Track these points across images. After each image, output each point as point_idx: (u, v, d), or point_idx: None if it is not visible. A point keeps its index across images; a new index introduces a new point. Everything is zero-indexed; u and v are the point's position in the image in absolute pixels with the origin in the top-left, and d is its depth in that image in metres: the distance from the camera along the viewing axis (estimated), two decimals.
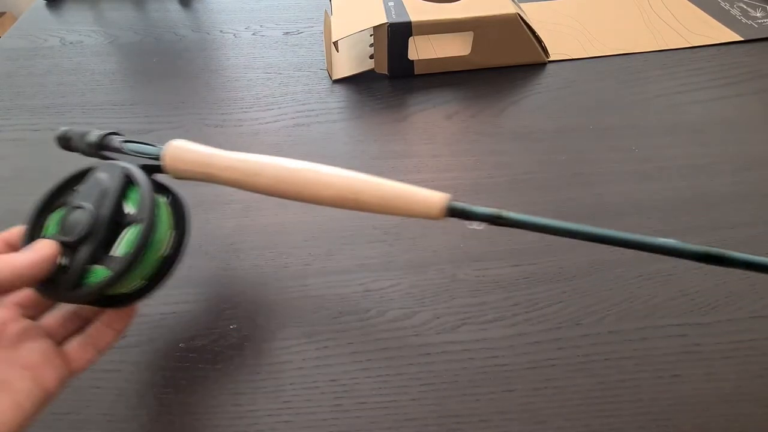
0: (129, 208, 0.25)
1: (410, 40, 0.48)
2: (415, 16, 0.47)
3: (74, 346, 0.24)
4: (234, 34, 0.60)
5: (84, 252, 0.23)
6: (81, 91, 0.51)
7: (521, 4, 0.54)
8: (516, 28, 0.49)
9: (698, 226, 0.36)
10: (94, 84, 0.52)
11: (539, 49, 0.51)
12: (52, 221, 0.25)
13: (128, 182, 0.25)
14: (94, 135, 0.29)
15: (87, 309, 0.26)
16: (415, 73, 0.51)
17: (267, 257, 0.35)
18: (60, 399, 0.28)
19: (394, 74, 0.51)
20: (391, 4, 0.49)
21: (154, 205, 0.24)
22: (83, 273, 0.23)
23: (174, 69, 0.54)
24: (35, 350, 0.23)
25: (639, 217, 0.37)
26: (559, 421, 0.27)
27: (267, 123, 0.46)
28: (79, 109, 0.49)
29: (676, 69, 0.51)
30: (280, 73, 0.53)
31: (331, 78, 0.52)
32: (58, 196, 0.25)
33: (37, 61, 0.56)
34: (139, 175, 0.25)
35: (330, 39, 0.49)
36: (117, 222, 0.24)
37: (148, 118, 0.47)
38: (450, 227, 0.37)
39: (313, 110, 0.48)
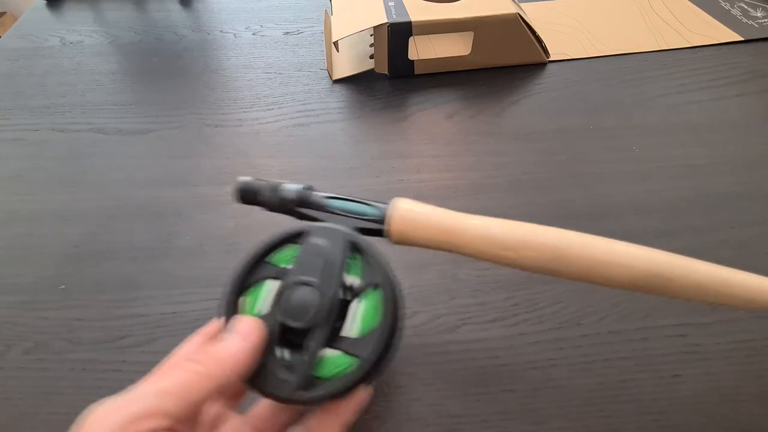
0: (351, 279, 0.21)
1: (410, 40, 0.48)
2: (415, 16, 0.47)
3: None
4: (234, 34, 0.60)
5: (318, 339, 0.19)
6: (81, 91, 0.51)
7: (521, 4, 0.54)
8: (516, 28, 0.49)
9: (698, 226, 0.36)
10: (94, 84, 0.52)
11: (539, 49, 0.51)
12: (256, 297, 0.21)
13: (349, 250, 0.21)
14: (291, 190, 0.25)
15: None
16: (415, 73, 0.51)
17: None
18: (61, 399, 0.28)
19: (394, 74, 0.51)
20: (391, 3, 0.49)
21: (391, 269, 0.21)
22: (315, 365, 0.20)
23: (174, 69, 0.54)
24: None
25: (639, 217, 0.37)
26: (559, 421, 0.27)
27: (267, 123, 0.46)
28: (79, 109, 0.49)
29: (676, 69, 0.51)
30: (280, 73, 0.53)
31: (331, 78, 0.52)
32: (256, 265, 0.22)
33: (37, 61, 0.56)
34: (364, 240, 0.22)
35: (330, 39, 0.49)
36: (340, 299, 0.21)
37: (147, 118, 0.47)
38: None
39: (313, 110, 0.48)
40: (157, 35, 0.60)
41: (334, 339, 0.20)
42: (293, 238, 0.22)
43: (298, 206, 0.24)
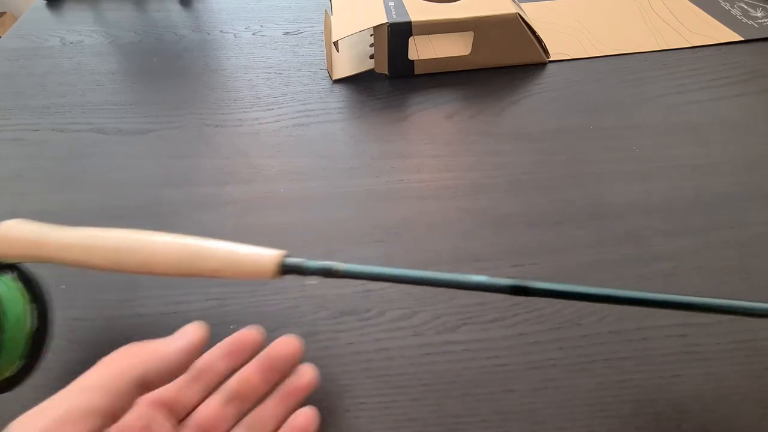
0: None
1: (410, 40, 0.48)
2: (415, 16, 0.47)
3: None
4: (234, 34, 0.60)
5: None
6: (81, 91, 0.51)
7: (521, 4, 0.54)
8: (516, 28, 0.49)
9: (698, 226, 0.36)
10: (94, 84, 0.52)
11: (539, 49, 0.51)
12: None
13: None
14: None
15: None
16: (415, 73, 0.51)
17: None
18: None
19: (394, 74, 0.51)
20: (391, 4, 0.49)
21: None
22: None
23: (174, 69, 0.54)
24: None
25: (639, 217, 0.37)
26: (559, 421, 0.27)
27: (267, 123, 0.46)
28: (79, 108, 0.49)
29: (676, 69, 0.51)
30: (280, 73, 0.53)
31: (331, 78, 0.52)
32: None
33: (37, 61, 0.56)
34: None
35: (330, 39, 0.49)
36: None
37: (147, 118, 0.47)
38: (450, 227, 0.37)
39: (313, 110, 0.48)
40: (157, 35, 0.60)
41: None
42: None
43: None
